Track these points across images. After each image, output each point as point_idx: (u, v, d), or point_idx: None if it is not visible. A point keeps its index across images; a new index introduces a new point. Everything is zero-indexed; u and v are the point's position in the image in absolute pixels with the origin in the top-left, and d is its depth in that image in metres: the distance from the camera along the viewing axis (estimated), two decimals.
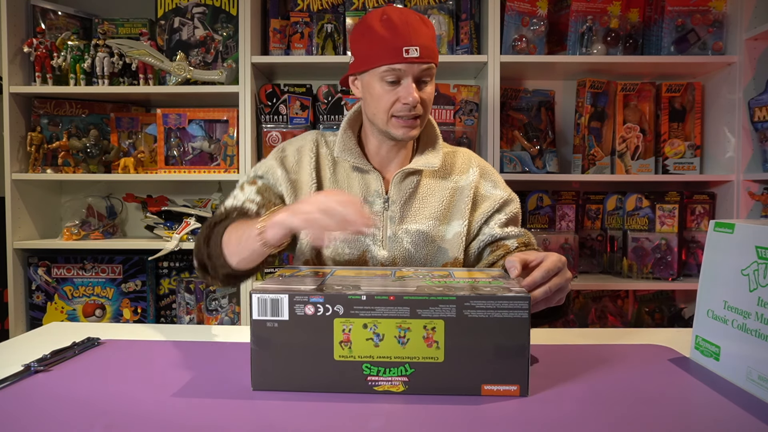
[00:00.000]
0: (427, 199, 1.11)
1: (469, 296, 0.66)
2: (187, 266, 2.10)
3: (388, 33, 1.00)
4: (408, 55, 0.99)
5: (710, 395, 0.69)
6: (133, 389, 0.71)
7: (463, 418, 0.62)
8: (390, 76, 1.01)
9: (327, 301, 0.67)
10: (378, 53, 1.01)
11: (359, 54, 1.05)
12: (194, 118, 1.98)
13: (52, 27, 1.98)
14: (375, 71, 1.02)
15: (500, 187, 1.17)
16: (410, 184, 1.10)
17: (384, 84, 1.02)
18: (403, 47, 0.98)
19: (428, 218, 1.10)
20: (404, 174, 1.09)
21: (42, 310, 1.99)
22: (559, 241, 1.95)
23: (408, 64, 1.00)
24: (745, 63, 1.83)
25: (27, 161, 1.96)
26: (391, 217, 1.09)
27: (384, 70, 1.01)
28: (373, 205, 1.09)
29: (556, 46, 1.98)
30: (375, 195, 1.09)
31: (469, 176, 1.14)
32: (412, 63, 1.00)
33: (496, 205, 1.13)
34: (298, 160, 1.12)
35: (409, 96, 1.00)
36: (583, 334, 1.01)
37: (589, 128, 1.97)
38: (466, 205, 1.11)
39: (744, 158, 1.85)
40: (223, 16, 1.97)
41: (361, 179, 1.11)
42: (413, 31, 1.00)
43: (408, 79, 1.01)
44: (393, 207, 1.09)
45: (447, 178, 1.14)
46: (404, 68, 1.00)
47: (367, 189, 1.10)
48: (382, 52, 1.00)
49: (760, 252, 0.71)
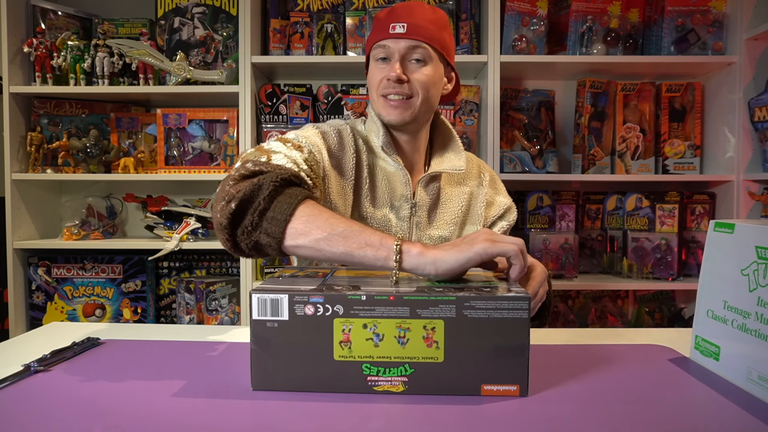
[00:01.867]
0: (447, 204, 1.10)
1: (469, 296, 0.66)
2: (187, 266, 2.10)
3: (384, 14, 1.02)
4: (393, 31, 0.98)
5: (710, 395, 0.69)
6: (133, 389, 0.71)
7: (463, 418, 0.62)
8: (379, 53, 1.01)
9: (327, 301, 0.67)
10: (373, 35, 1.03)
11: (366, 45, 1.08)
12: (194, 118, 1.98)
13: (52, 27, 1.98)
14: (371, 54, 1.03)
15: (503, 193, 1.19)
16: (434, 189, 1.08)
17: (376, 63, 1.02)
18: (390, 23, 0.99)
19: (448, 224, 1.09)
20: (429, 178, 1.06)
21: (42, 310, 1.99)
22: (559, 241, 1.95)
23: (394, 40, 0.99)
24: (745, 63, 1.83)
25: (27, 161, 1.96)
26: (417, 223, 1.06)
27: (374, 48, 1.02)
28: (400, 210, 1.05)
29: (556, 46, 1.98)
30: (402, 199, 1.05)
31: (483, 181, 1.15)
32: (398, 39, 0.98)
33: (501, 211, 1.15)
34: (339, 144, 1.01)
35: (392, 71, 0.98)
36: (583, 334, 1.01)
37: (589, 128, 1.97)
38: (481, 210, 1.12)
39: (744, 158, 1.85)
40: (223, 16, 1.97)
41: (388, 182, 1.05)
42: (407, 11, 1.00)
43: (395, 55, 1.00)
44: (420, 212, 1.06)
45: (463, 183, 1.13)
46: (390, 44, 1.00)
47: (392, 192, 1.05)
48: (375, 32, 1.02)
49: (760, 252, 0.71)
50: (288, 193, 0.80)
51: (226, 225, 0.80)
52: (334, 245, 0.77)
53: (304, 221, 0.78)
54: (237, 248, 0.83)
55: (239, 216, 0.80)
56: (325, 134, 1.00)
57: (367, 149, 1.06)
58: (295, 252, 0.80)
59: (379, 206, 1.05)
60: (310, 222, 0.78)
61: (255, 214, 0.79)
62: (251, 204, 0.79)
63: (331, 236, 0.77)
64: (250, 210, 0.79)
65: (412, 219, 1.06)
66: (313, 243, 0.77)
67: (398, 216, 1.05)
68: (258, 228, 0.79)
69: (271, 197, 0.79)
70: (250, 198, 0.79)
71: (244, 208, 0.79)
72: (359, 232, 0.77)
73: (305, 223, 0.78)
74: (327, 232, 0.77)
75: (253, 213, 0.79)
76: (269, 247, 0.80)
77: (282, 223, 0.78)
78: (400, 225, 1.05)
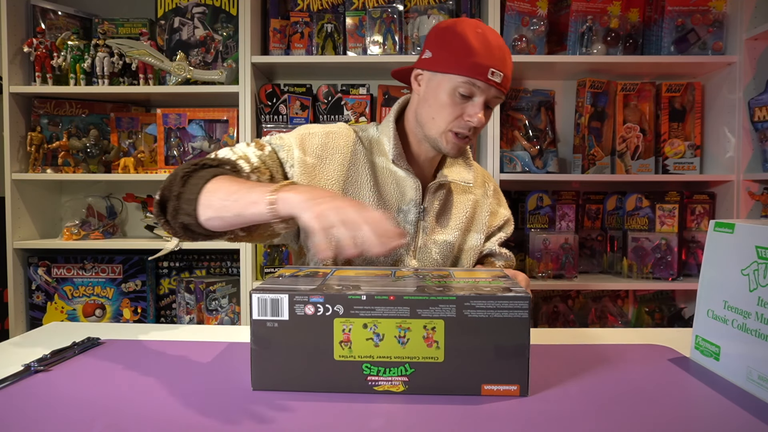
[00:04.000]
0: (454, 210, 1.13)
1: (469, 296, 0.66)
2: (187, 266, 2.10)
3: (481, 48, 0.97)
4: (492, 77, 0.97)
5: (710, 395, 0.69)
6: (133, 389, 0.71)
7: (463, 418, 0.62)
8: (465, 90, 0.98)
9: (327, 301, 0.67)
10: (464, 63, 0.97)
11: (441, 54, 1.01)
12: (194, 118, 1.98)
13: (52, 27, 1.98)
14: (452, 78, 0.98)
15: (504, 206, 1.22)
16: (441, 195, 1.11)
17: (455, 95, 0.99)
18: (490, 68, 0.97)
19: (454, 229, 1.12)
20: (438, 185, 1.09)
21: (42, 310, 1.99)
22: (559, 241, 1.95)
23: (488, 86, 0.98)
24: (745, 63, 1.83)
25: (27, 161, 1.96)
26: (424, 228, 1.09)
27: (463, 81, 0.97)
28: (408, 214, 1.07)
29: (556, 46, 1.98)
30: (411, 204, 1.07)
31: (487, 191, 1.19)
32: (491, 86, 0.98)
33: (501, 222, 1.20)
34: (324, 146, 1.04)
35: (475, 116, 0.99)
36: (583, 334, 1.01)
37: (589, 128, 1.97)
38: (485, 219, 1.16)
39: (744, 158, 1.85)
40: (223, 16, 1.97)
41: (397, 186, 1.07)
42: (504, 58, 0.99)
43: (480, 99, 0.99)
44: (427, 217, 1.09)
45: (469, 191, 1.16)
46: (483, 87, 0.98)
47: (402, 196, 1.07)
48: (469, 64, 0.97)
49: (760, 252, 0.71)
50: (199, 175, 0.87)
51: (157, 213, 0.89)
52: (230, 210, 0.81)
53: (209, 195, 0.83)
54: (175, 233, 0.90)
55: (165, 203, 0.88)
56: (306, 137, 1.03)
57: (371, 150, 1.08)
58: (209, 225, 0.85)
59: (386, 208, 1.07)
60: (213, 193, 0.83)
61: (173, 198, 0.86)
62: (171, 190, 0.87)
63: (227, 201, 0.81)
64: (170, 196, 0.87)
65: (419, 223, 1.08)
66: (216, 212, 0.83)
67: (405, 219, 1.07)
68: (179, 210, 0.86)
69: (184, 180, 0.86)
70: (170, 186, 0.87)
71: (166, 196, 0.87)
72: (247, 192, 0.81)
73: (209, 196, 0.83)
74: (223, 199, 0.82)
75: (172, 198, 0.86)
76: (193, 225, 0.86)
77: (194, 201, 0.84)
78: (407, 228, 1.07)
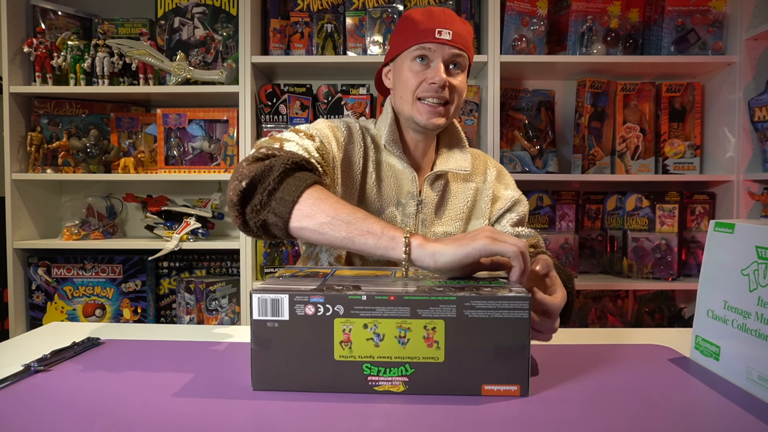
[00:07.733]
0: (453, 200, 1.11)
1: (469, 296, 0.66)
2: (187, 266, 2.10)
3: (424, 17, 1.01)
4: (440, 36, 0.98)
5: (710, 395, 0.69)
6: (133, 389, 0.71)
7: (463, 418, 0.62)
8: (419, 55, 1.00)
9: (327, 301, 0.67)
10: (411, 35, 1.01)
11: (395, 41, 1.06)
12: (194, 118, 1.98)
13: (52, 27, 1.99)
14: (406, 53, 1.02)
15: (511, 187, 1.19)
16: (439, 186, 1.10)
17: (413, 64, 1.01)
18: (436, 28, 0.98)
19: (454, 220, 1.10)
20: (435, 176, 1.08)
21: (42, 310, 1.99)
22: (559, 241, 1.95)
23: (439, 45, 0.99)
24: (745, 63, 1.83)
25: (27, 161, 1.96)
26: (423, 220, 1.08)
27: (414, 49, 1.01)
28: (406, 207, 1.07)
29: (556, 46, 1.98)
30: (408, 196, 1.07)
31: (488, 177, 1.16)
32: (443, 44, 0.99)
33: (508, 204, 1.15)
34: (349, 139, 1.04)
35: (437, 75, 0.99)
36: (583, 334, 1.01)
37: (589, 128, 1.97)
38: (486, 205, 1.14)
39: (744, 158, 1.85)
40: (223, 16, 1.97)
41: (395, 178, 1.07)
42: (449, 19, 1.01)
43: (437, 60, 1.00)
44: (425, 209, 1.08)
45: (469, 180, 1.14)
46: (434, 47, 0.99)
47: (399, 189, 1.07)
48: (415, 33, 1.00)
49: (760, 252, 0.71)
50: (298, 176, 0.82)
51: (236, 202, 0.82)
52: (336, 230, 0.78)
53: (310, 204, 0.79)
54: (246, 226, 0.85)
55: (249, 194, 0.82)
56: (335, 127, 1.03)
57: (375, 146, 1.08)
58: (299, 234, 0.81)
59: (386, 202, 1.06)
60: (316, 205, 0.79)
61: (264, 193, 0.81)
62: (261, 183, 0.81)
63: (335, 221, 0.78)
64: (260, 189, 0.81)
65: (418, 216, 1.07)
66: (317, 226, 0.79)
67: (404, 213, 1.07)
68: (266, 207, 0.81)
69: (281, 178, 0.81)
70: (261, 178, 0.81)
71: (254, 187, 0.82)
72: (362, 220, 0.78)
73: (311, 206, 0.79)
74: (331, 216, 0.78)
75: (263, 192, 0.81)
76: (276, 227, 0.82)
77: (290, 204, 0.79)
78: (406, 221, 1.07)
